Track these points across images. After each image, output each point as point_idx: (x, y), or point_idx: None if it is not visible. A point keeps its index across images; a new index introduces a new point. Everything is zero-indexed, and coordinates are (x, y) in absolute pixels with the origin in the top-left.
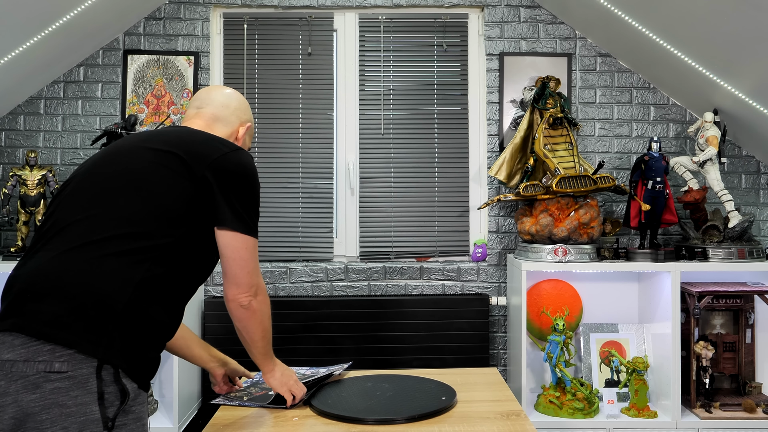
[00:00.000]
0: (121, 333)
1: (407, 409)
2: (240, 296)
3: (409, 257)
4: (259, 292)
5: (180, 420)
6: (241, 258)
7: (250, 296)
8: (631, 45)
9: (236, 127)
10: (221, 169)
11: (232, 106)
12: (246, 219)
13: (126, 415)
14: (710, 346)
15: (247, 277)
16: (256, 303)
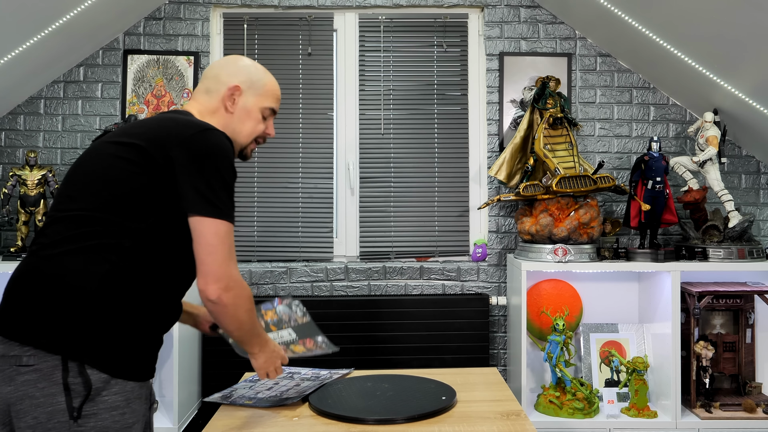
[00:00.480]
0: (86, 326)
1: (407, 409)
2: (207, 289)
3: (409, 257)
4: (232, 285)
5: (180, 420)
6: (208, 244)
7: (220, 290)
8: (631, 45)
9: (222, 94)
10: (184, 152)
11: (217, 71)
12: (214, 201)
13: (95, 405)
14: (710, 346)
15: (215, 266)
16: (228, 298)
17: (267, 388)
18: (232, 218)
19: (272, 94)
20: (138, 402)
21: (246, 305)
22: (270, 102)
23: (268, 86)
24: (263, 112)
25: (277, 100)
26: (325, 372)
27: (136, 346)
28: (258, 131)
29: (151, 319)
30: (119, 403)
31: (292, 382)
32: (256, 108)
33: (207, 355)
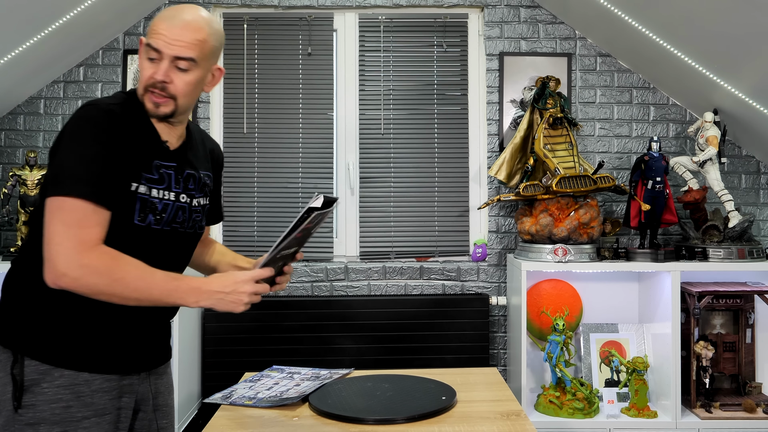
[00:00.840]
0: (19, 320)
1: (407, 409)
2: (50, 279)
3: (409, 257)
4: (80, 272)
5: (180, 420)
6: (45, 228)
7: (69, 280)
8: (631, 45)
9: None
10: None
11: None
12: (55, 177)
13: (34, 396)
14: (710, 346)
15: (50, 253)
16: (82, 286)
17: (267, 388)
18: (77, 189)
19: (150, 31)
20: (97, 395)
21: (104, 277)
22: (148, 39)
23: (153, 23)
24: (147, 55)
25: (153, 35)
26: (325, 372)
27: (70, 335)
28: (143, 79)
29: (70, 306)
30: (63, 395)
31: (292, 382)
32: (142, 53)
33: (207, 355)
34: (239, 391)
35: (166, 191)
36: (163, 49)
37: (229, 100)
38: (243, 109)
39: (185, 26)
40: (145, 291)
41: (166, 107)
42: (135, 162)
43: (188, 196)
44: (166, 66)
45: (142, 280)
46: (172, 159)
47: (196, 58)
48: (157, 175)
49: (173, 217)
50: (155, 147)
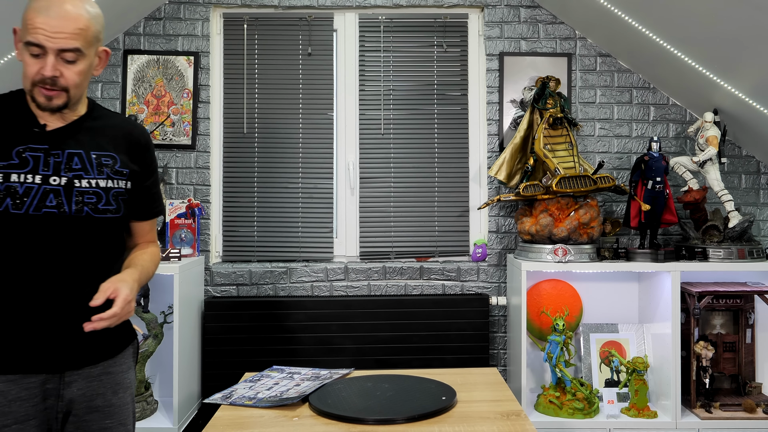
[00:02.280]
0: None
1: (407, 409)
2: None
3: (409, 257)
4: None
5: (180, 420)
6: None
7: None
8: (631, 45)
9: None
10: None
11: None
12: None
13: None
14: (710, 346)
15: None
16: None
17: (267, 388)
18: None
19: (26, 26)
20: (15, 404)
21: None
22: (26, 35)
23: (25, 15)
24: (28, 51)
25: (31, 31)
26: (325, 372)
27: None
28: (30, 75)
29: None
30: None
31: (292, 382)
32: (22, 48)
33: (207, 356)
34: (239, 391)
35: (29, 174)
36: (46, 44)
37: (229, 100)
38: (243, 109)
39: (64, 17)
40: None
41: (59, 99)
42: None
43: (67, 177)
44: (53, 60)
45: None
46: (43, 141)
47: (82, 47)
48: (18, 160)
49: (41, 201)
50: (21, 133)
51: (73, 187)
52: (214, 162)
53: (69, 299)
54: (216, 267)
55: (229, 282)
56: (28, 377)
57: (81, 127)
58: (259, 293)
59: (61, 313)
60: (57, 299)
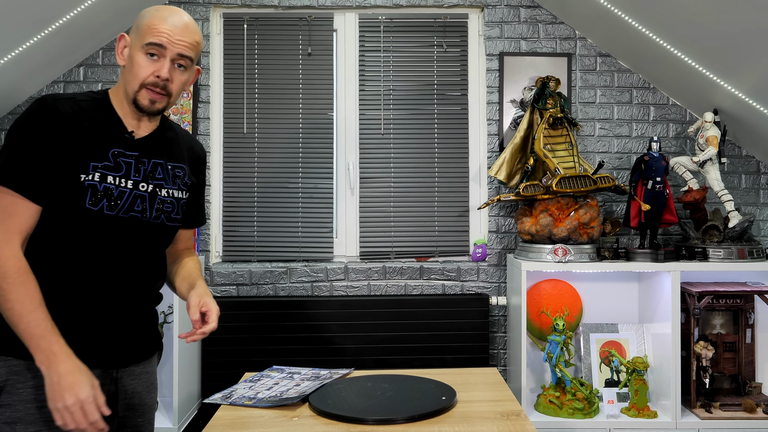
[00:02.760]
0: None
1: (407, 409)
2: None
3: (409, 257)
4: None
5: (180, 420)
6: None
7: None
8: (631, 45)
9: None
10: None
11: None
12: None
13: (11, 396)
14: (710, 346)
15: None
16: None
17: (267, 388)
18: (19, 186)
19: (150, 30)
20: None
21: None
22: (148, 37)
23: (147, 23)
24: (146, 51)
25: (156, 34)
26: (325, 372)
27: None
28: (143, 75)
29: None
30: (37, 396)
31: (292, 382)
32: (138, 50)
33: (207, 356)
34: (239, 391)
35: (123, 179)
36: (168, 46)
37: (229, 100)
38: (243, 109)
39: (186, 27)
40: (16, 316)
41: (160, 103)
42: (82, 153)
43: (152, 185)
44: (169, 64)
45: (20, 304)
46: (134, 148)
47: (193, 59)
48: (114, 163)
49: (131, 205)
50: (114, 136)
51: (156, 195)
52: (214, 162)
53: (130, 298)
54: (216, 267)
55: (229, 282)
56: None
57: (161, 138)
58: (259, 293)
59: (123, 311)
60: (121, 298)
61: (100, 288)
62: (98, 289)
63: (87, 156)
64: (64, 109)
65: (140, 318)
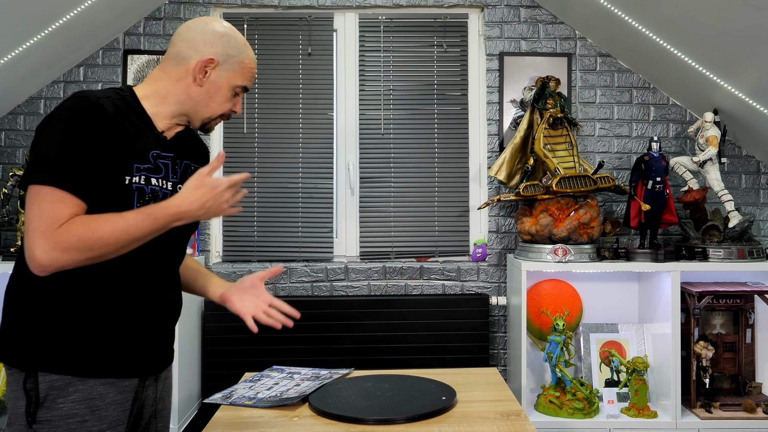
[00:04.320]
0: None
1: (407, 409)
2: (34, 269)
3: (409, 257)
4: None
5: (180, 420)
6: (25, 216)
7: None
8: (631, 45)
9: (193, 64)
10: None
11: (192, 36)
12: (35, 165)
13: (49, 412)
14: (710, 346)
15: (28, 242)
16: (67, 264)
17: (267, 388)
18: (63, 183)
19: (248, 72)
20: (111, 408)
21: (80, 245)
22: (244, 80)
23: (245, 63)
24: (234, 90)
25: (251, 78)
26: (325, 372)
27: (81, 341)
28: (224, 108)
29: (78, 311)
30: (78, 410)
31: (292, 382)
32: (227, 84)
33: (207, 356)
34: (239, 391)
35: (163, 180)
36: (249, 88)
37: None
38: (243, 109)
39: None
40: (127, 237)
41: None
42: (126, 155)
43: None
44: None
45: (118, 230)
46: (169, 149)
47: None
48: (154, 165)
49: None
50: (152, 138)
51: None
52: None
53: (163, 303)
54: (216, 267)
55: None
56: (123, 381)
57: (185, 138)
58: None
59: (160, 316)
60: (159, 302)
61: (141, 293)
62: (140, 295)
63: (131, 157)
64: (109, 109)
65: (171, 323)
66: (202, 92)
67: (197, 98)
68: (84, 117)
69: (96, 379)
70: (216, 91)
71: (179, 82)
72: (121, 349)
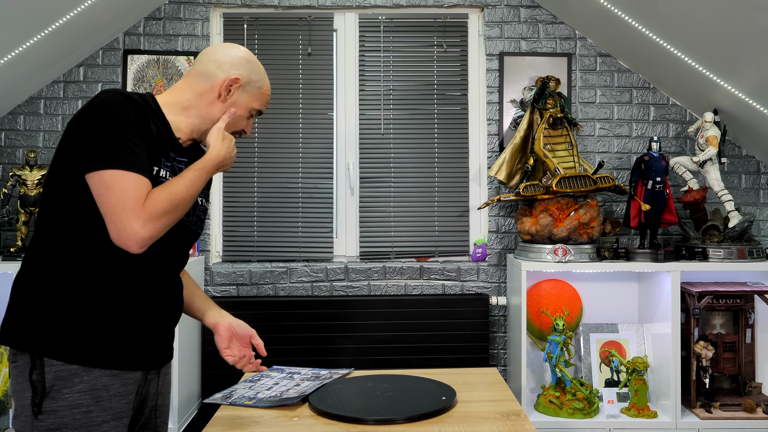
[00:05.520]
0: (31, 321)
1: (407, 409)
2: (128, 247)
3: (409, 257)
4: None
5: (180, 420)
6: (102, 203)
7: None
8: (631, 45)
9: (219, 81)
10: (71, 122)
11: (220, 57)
12: (96, 154)
13: (55, 402)
14: (710, 346)
15: (121, 223)
16: (156, 231)
17: (267, 388)
18: (132, 167)
19: (265, 98)
20: (115, 400)
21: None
22: (260, 105)
23: (263, 89)
24: (250, 111)
25: (266, 104)
26: (325, 372)
27: (90, 331)
28: (238, 127)
29: (87, 301)
30: (84, 401)
31: (292, 382)
32: (245, 106)
33: (207, 356)
34: (239, 391)
35: None
36: (263, 112)
37: None
38: None
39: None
40: (194, 190)
41: None
42: (155, 148)
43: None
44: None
45: (188, 185)
46: (184, 155)
47: None
48: (171, 165)
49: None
50: (171, 140)
51: (197, 203)
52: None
53: (168, 301)
54: (216, 267)
55: (229, 282)
56: (127, 373)
57: (196, 148)
58: (259, 293)
59: (164, 312)
60: (161, 300)
61: (148, 290)
62: (146, 291)
63: (158, 152)
64: (138, 103)
65: (175, 320)
66: (221, 109)
67: (216, 115)
68: (123, 107)
69: (101, 369)
70: (235, 110)
71: (202, 97)
72: (126, 342)
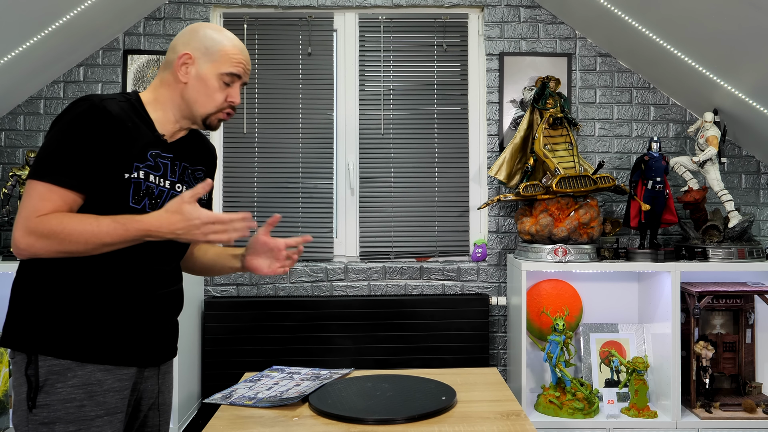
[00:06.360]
0: (26, 319)
1: (407, 409)
2: (12, 244)
3: (409, 257)
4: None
5: (180, 420)
6: (20, 205)
7: (24, 250)
8: (631, 45)
9: (174, 64)
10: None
11: (174, 41)
12: (35, 161)
13: (48, 396)
14: (710, 346)
15: (15, 223)
16: (38, 251)
17: (267, 388)
18: (57, 180)
19: (228, 59)
20: (109, 395)
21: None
22: (227, 67)
23: (225, 50)
24: (222, 79)
25: (236, 65)
26: (325, 372)
27: (84, 327)
28: (218, 100)
29: (81, 298)
30: (77, 395)
31: (292, 382)
32: (212, 75)
33: (207, 356)
34: (239, 391)
35: (161, 178)
36: (243, 77)
37: None
38: (243, 109)
39: (248, 55)
40: (96, 240)
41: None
42: (126, 153)
43: (185, 186)
44: (239, 90)
45: (87, 231)
46: (168, 151)
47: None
48: (153, 163)
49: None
50: (152, 139)
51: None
52: None
53: (164, 296)
54: None
55: (229, 282)
56: (122, 369)
57: (189, 143)
58: (259, 293)
59: (158, 308)
60: (157, 295)
61: (139, 285)
62: (137, 287)
63: (130, 156)
64: (113, 109)
65: (171, 316)
66: (190, 89)
67: (189, 97)
68: (85, 118)
69: (94, 364)
70: (203, 84)
71: (171, 87)
72: (119, 337)
